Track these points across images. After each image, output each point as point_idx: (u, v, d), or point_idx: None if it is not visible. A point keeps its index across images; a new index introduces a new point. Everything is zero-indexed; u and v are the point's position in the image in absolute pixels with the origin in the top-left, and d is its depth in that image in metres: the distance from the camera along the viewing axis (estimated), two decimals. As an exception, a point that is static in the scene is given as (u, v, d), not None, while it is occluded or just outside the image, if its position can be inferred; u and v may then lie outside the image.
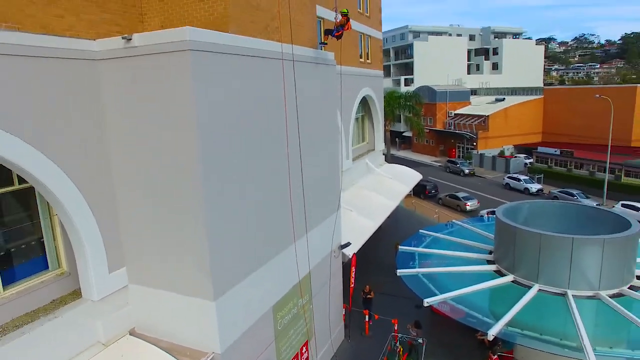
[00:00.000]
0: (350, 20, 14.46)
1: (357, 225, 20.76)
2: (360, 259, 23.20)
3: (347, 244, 17.41)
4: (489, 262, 17.72)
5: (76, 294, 10.00)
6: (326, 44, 14.51)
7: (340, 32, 14.05)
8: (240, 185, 10.42)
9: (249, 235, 10.92)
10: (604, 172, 41.10)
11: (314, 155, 14.15)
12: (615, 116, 42.34)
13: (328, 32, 14.18)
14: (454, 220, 22.84)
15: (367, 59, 28.85)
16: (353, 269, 18.09)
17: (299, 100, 12.70)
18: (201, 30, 9.02)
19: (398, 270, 17.17)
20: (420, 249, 19.30)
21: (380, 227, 23.27)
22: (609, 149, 39.23)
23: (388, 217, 24.90)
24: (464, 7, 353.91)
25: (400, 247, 19.63)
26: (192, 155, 9.09)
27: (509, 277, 16.07)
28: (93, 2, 9.70)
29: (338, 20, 14.20)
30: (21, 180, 9.18)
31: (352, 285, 18.35)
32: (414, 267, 17.65)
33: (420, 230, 21.38)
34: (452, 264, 17.94)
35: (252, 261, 11.18)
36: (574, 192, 39.29)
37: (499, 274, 16.68)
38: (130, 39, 9.26)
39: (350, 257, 17.74)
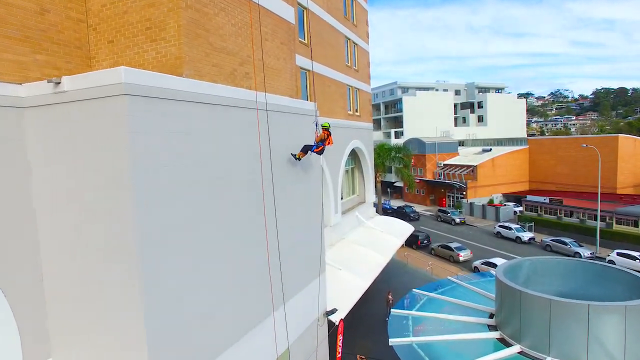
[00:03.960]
0: (331, 132, 12.21)
1: (346, 286, 18.20)
2: (350, 318, 20.44)
3: (334, 311, 14.82)
4: (490, 327, 15.09)
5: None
6: (299, 159, 11.90)
7: (321, 148, 12.00)
8: (196, 255, 8.11)
9: (207, 314, 8.48)
10: (595, 219, 38.88)
11: (291, 216, 11.89)
12: (597, 164, 40.84)
13: (307, 149, 11.94)
14: (449, 277, 20.30)
15: (356, 111, 27.28)
16: (340, 337, 15.40)
17: (272, 154, 10.64)
18: (140, 71, 7.04)
19: (390, 340, 14.48)
20: (413, 312, 16.65)
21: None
22: (599, 196, 37.22)
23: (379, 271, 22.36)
24: (447, 66, 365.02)
25: (392, 310, 17.00)
26: (129, 224, 6.86)
27: (515, 348, 13.42)
28: (21, 41, 7.77)
29: (318, 135, 12.09)
30: None
31: (339, 355, 15.58)
32: (408, 335, 14.94)
33: (414, 290, 18.79)
34: (449, 329, 15.28)
35: (214, 343, 8.67)
36: (567, 240, 36.88)
37: (503, 342, 14.03)
38: (59, 83, 7.26)
39: (337, 323, 15.10)
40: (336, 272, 18.92)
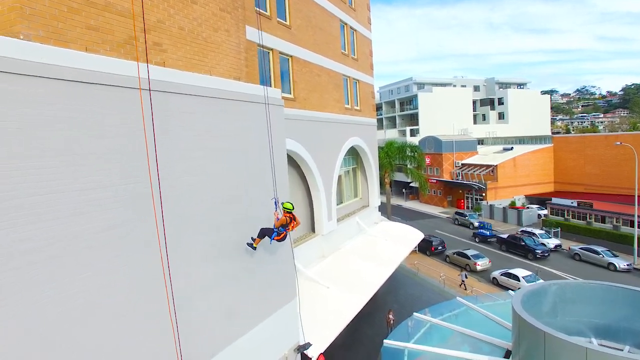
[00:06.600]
0: (296, 216, 9.66)
1: (334, 308, 15.23)
2: (345, 340, 17.51)
3: (307, 345, 11.85)
4: (506, 370, 11.89)
5: None
6: (255, 248, 9.37)
7: (283, 235, 9.39)
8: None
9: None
10: (631, 226, 34.61)
11: (222, 233, 8.94)
12: (632, 164, 36.56)
13: (264, 233, 9.32)
14: (457, 298, 17.01)
15: (356, 105, 24.19)
16: (318, 377, 12.45)
17: (197, 157, 7.77)
18: None
19: (377, 386, 11.48)
20: (411, 345, 13.52)
21: (375, 294, 17.79)
22: (637, 200, 32.97)
23: (384, 282, 19.30)
24: (466, 64, 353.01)
25: (385, 341, 13.92)
26: None
27: (539, 404, 10.20)
28: None
29: (279, 219, 9.37)
30: None
31: (319, 400, 12.64)
32: (402, 380, 11.89)
33: (415, 314, 15.65)
34: (455, 371, 12.19)
35: None
36: (599, 249, 32.82)
37: (523, 393, 10.84)
38: None
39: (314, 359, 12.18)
40: (323, 292, 15.97)
